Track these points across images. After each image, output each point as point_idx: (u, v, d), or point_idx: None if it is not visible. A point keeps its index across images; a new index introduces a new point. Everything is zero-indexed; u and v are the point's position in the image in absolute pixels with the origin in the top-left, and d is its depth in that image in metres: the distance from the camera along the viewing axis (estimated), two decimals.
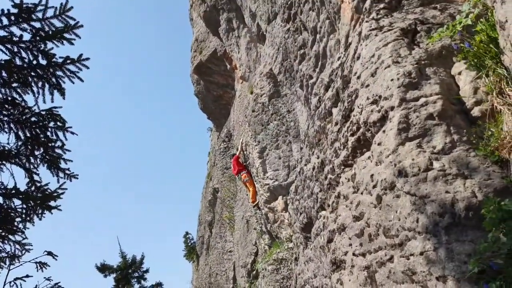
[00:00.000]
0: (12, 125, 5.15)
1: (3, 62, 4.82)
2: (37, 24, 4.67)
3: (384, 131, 3.62)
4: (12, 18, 4.54)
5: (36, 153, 5.37)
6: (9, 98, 4.99)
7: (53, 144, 5.32)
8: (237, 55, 13.81)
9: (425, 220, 2.92)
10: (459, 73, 3.42)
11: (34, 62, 4.86)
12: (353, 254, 4.14)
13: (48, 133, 5.27)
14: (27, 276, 5.63)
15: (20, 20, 4.55)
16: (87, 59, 4.93)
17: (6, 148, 5.28)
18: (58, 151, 5.40)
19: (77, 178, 5.60)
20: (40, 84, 4.97)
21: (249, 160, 11.39)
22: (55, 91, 5.04)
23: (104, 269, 16.86)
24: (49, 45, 4.81)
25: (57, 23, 4.75)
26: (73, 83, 4.99)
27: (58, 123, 5.22)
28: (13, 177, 5.35)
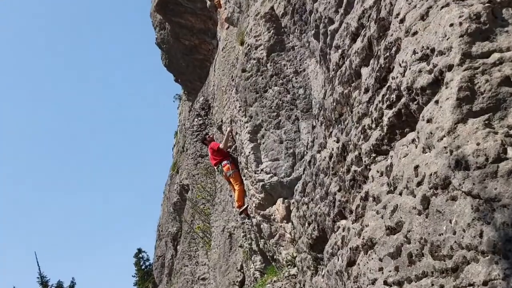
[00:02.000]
0: None
1: None
2: None
3: (436, 102, 3.64)
4: None
5: None
6: None
7: None
8: None
9: (492, 234, 2.94)
10: None
11: None
12: (385, 283, 4.17)
13: None
14: None
15: None
16: None
17: None
18: None
19: None
20: None
21: (235, 145, 11.39)
22: None
23: None
24: None
25: None
26: None
27: None
28: None
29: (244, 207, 10.89)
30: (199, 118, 18.29)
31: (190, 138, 18.59)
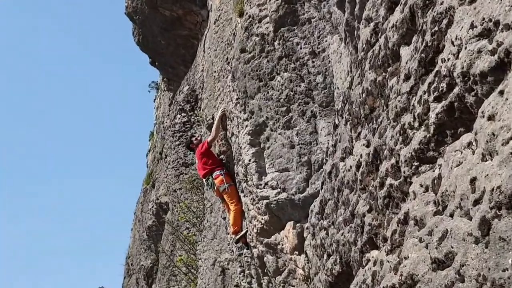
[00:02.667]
0: None
1: None
2: None
3: (501, 93, 3.60)
4: None
5: None
6: None
7: None
8: None
9: None
10: None
11: None
12: None
13: None
14: None
15: None
16: None
17: None
18: None
19: None
20: None
21: (230, 149, 11.52)
22: None
23: None
24: None
25: None
26: None
27: None
28: None
29: (242, 233, 10.80)
30: (183, 114, 18.46)
31: (171, 141, 18.72)
